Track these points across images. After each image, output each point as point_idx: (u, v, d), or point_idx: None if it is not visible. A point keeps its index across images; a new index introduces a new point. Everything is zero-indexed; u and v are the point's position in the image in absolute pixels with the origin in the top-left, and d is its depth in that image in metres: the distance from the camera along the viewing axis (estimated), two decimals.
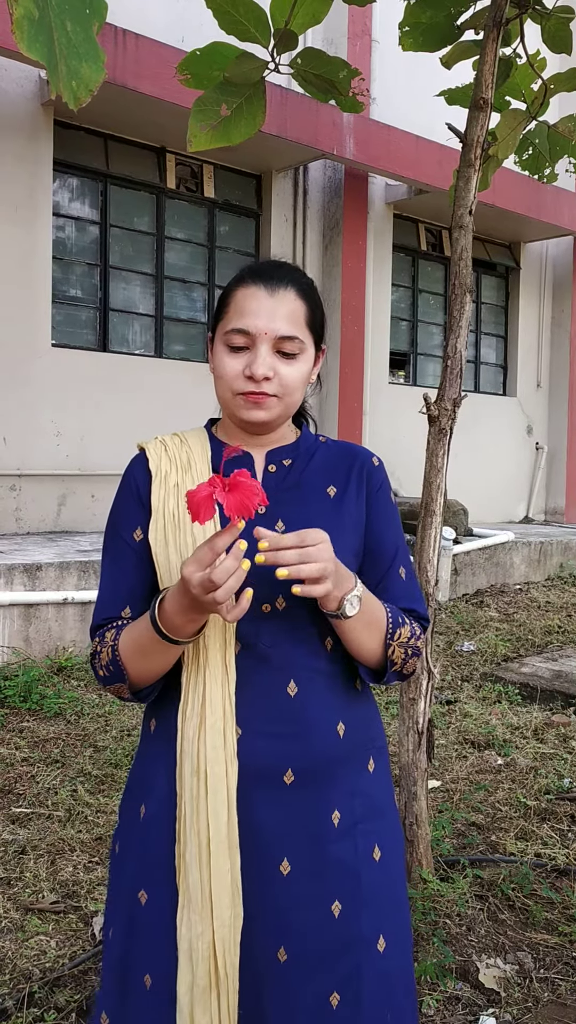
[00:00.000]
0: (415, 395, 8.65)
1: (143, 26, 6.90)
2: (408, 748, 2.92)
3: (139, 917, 1.42)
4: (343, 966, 1.39)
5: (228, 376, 1.43)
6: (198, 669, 1.39)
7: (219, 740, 1.35)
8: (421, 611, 1.53)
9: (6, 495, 6.87)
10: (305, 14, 2.64)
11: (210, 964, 1.33)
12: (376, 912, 1.43)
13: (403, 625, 1.45)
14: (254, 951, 1.36)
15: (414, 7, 3.01)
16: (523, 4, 2.96)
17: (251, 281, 1.44)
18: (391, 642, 1.43)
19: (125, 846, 1.47)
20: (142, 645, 1.37)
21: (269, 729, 1.38)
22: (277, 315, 1.41)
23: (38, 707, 4.57)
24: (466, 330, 2.90)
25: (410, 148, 8.38)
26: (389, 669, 1.45)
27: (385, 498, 1.54)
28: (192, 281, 8.17)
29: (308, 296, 1.47)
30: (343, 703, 1.45)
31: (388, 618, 1.43)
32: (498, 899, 2.88)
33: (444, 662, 5.84)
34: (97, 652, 1.44)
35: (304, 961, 1.38)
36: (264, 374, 1.40)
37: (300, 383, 1.45)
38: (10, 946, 2.60)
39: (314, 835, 1.40)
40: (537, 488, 11.11)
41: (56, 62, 1.04)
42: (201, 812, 1.34)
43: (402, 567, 1.53)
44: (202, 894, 1.34)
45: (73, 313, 7.46)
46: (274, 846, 1.38)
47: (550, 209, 9.83)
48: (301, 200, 8.58)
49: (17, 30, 0.98)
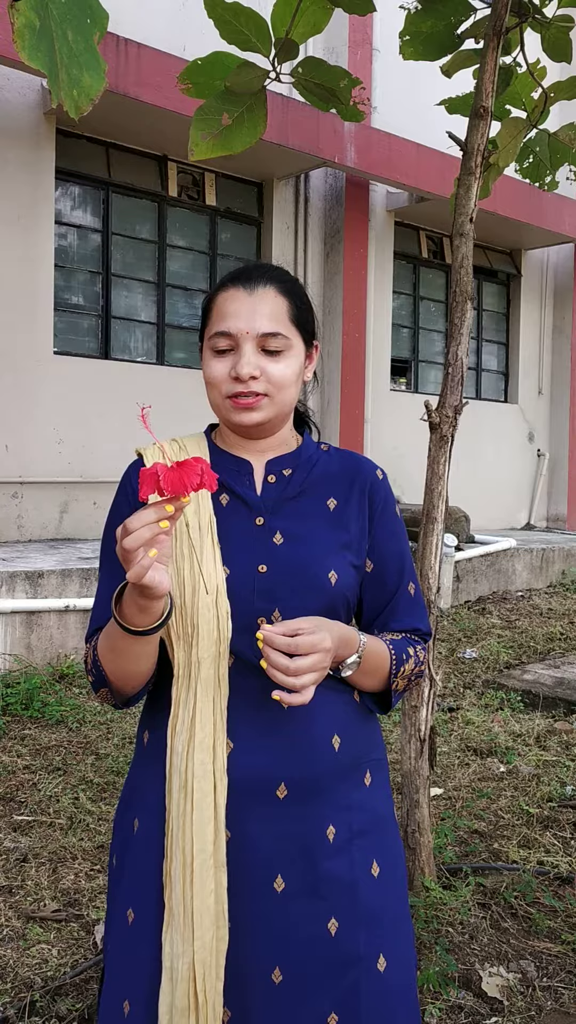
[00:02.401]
0: (417, 402, 8.66)
1: (145, 35, 6.93)
2: (410, 756, 2.91)
3: (125, 938, 1.40)
4: (341, 986, 1.36)
5: (216, 380, 1.42)
6: (189, 683, 1.37)
7: (207, 756, 1.33)
8: (425, 628, 1.53)
9: (8, 502, 6.88)
10: (306, 23, 2.65)
11: (189, 986, 1.30)
12: (375, 930, 1.40)
13: (407, 661, 1.46)
14: (248, 972, 1.33)
15: (414, 16, 3.02)
16: (523, 13, 2.97)
17: (230, 284, 1.44)
18: (395, 679, 1.44)
19: (121, 860, 1.46)
20: (112, 640, 1.34)
21: (262, 743, 1.37)
22: (257, 313, 1.40)
23: (40, 715, 4.56)
24: (467, 337, 2.91)
25: (411, 156, 8.41)
26: (394, 697, 1.47)
27: (390, 515, 1.52)
28: (194, 289, 8.19)
29: (290, 292, 1.45)
30: (338, 716, 1.43)
31: (392, 659, 1.44)
32: (501, 907, 2.87)
33: (446, 669, 5.84)
34: (87, 657, 1.43)
35: (300, 981, 1.34)
36: (249, 373, 1.38)
37: (290, 380, 1.43)
38: (11, 954, 2.59)
39: (308, 851, 1.37)
40: (539, 495, 11.11)
41: (57, 71, 1.04)
42: (187, 829, 1.32)
43: (411, 583, 1.53)
44: (184, 914, 1.31)
45: (75, 321, 7.47)
46: (267, 863, 1.35)
47: (551, 216, 9.85)
48: (302, 208, 8.60)
49: (18, 39, 0.98)
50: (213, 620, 1.36)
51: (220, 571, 1.38)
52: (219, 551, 1.39)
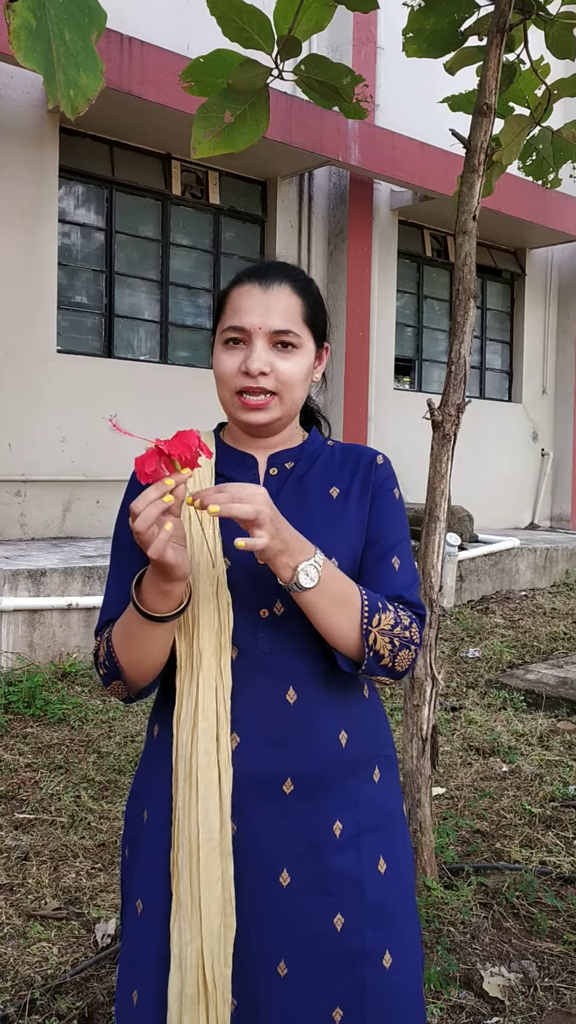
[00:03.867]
0: (420, 401, 8.63)
1: (149, 33, 6.93)
2: (412, 755, 2.91)
3: (135, 929, 1.41)
4: (346, 981, 1.36)
5: (226, 374, 1.42)
6: (192, 674, 1.37)
7: (211, 745, 1.34)
8: (411, 598, 1.44)
9: (11, 501, 6.88)
10: (308, 21, 2.64)
11: (198, 972, 1.31)
12: (381, 926, 1.40)
13: (383, 611, 1.36)
14: (253, 965, 1.34)
15: (418, 13, 3.02)
16: (526, 10, 2.96)
17: (246, 280, 1.45)
18: (369, 628, 1.34)
19: (133, 853, 1.47)
20: (128, 629, 1.35)
21: (268, 737, 1.37)
22: (271, 310, 1.41)
23: (42, 713, 4.56)
24: (470, 336, 2.90)
25: (415, 154, 8.39)
26: (371, 658, 1.35)
27: (387, 494, 1.49)
28: (197, 287, 8.19)
29: (304, 292, 1.46)
30: (346, 711, 1.43)
31: (364, 601, 1.35)
32: (503, 907, 2.87)
33: (449, 668, 5.83)
34: (97, 650, 1.44)
35: (305, 976, 1.35)
36: (259, 368, 1.38)
37: (299, 379, 1.43)
38: (12, 952, 2.59)
39: (315, 846, 1.37)
40: (543, 494, 11.09)
41: (54, 71, 1.03)
42: (192, 817, 1.33)
43: (396, 557, 1.46)
44: (192, 901, 1.32)
45: (79, 319, 7.47)
46: (273, 857, 1.36)
47: (556, 215, 9.83)
48: (306, 206, 8.59)
49: (14, 40, 0.98)
50: (214, 612, 1.37)
51: (221, 563, 1.39)
52: (220, 543, 1.40)
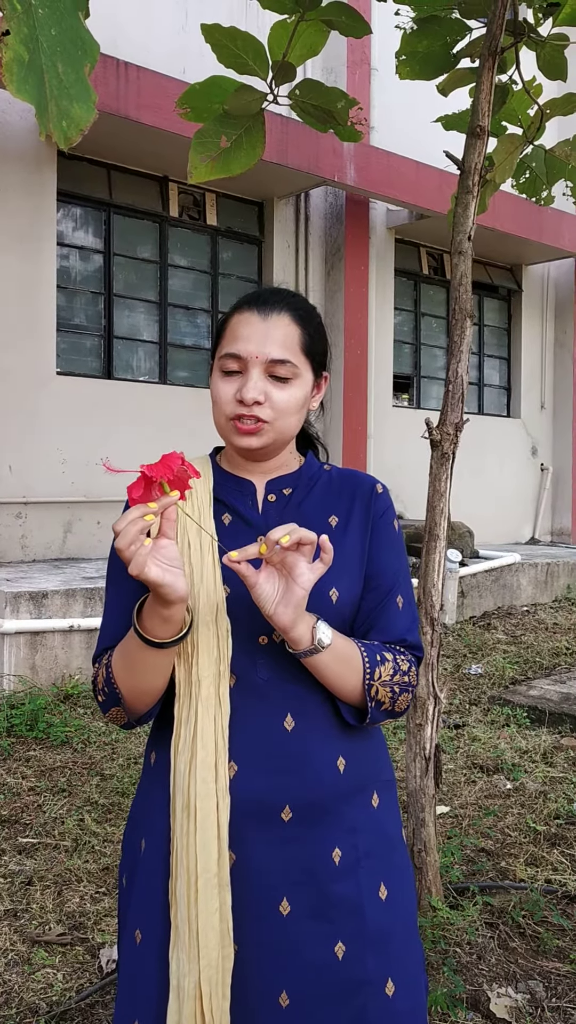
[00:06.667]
0: (419, 418, 8.67)
1: (145, 58, 7.00)
2: (415, 774, 2.90)
3: (134, 959, 1.39)
4: (349, 1010, 1.35)
5: (221, 400, 1.43)
6: (190, 702, 1.37)
7: (209, 774, 1.33)
8: (412, 640, 1.47)
9: (12, 523, 6.89)
10: (303, 46, 2.67)
11: (195, 1005, 1.29)
12: (383, 953, 1.38)
13: (381, 664, 1.39)
14: (254, 995, 1.32)
15: (411, 36, 3.05)
16: (518, 33, 2.99)
17: (246, 307, 1.45)
18: (372, 682, 1.38)
19: (130, 881, 1.46)
20: (129, 654, 1.35)
21: (266, 765, 1.36)
22: (269, 339, 1.41)
23: (44, 735, 4.55)
24: (467, 355, 2.91)
25: (410, 173, 8.45)
26: (374, 708, 1.39)
27: (388, 526, 1.50)
28: (195, 308, 8.23)
29: (304, 321, 1.46)
30: (343, 737, 1.42)
31: (364, 658, 1.38)
32: (508, 926, 2.85)
33: (452, 685, 5.82)
34: (96, 676, 1.43)
35: (307, 1006, 1.33)
36: (254, 398, 1.39)
37: (293, 408, 1.44)
38: (16, 979, 2.57)
39: (314, 874, 1.36)
40: (543, 509, 11.09)
41: (46, 103, 1.04)
42: (190, 848, 1.32)
43: (400, 596, 1.48)
44: (189, 932, 1.31)
45: (78, 341, 7.50)
46: (273, 886, 1.34)
47: (551, 231, 9.89)
48: (303, 226, 8.64)
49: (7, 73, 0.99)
50: (213, 639, 1.37)
51: (220, 590, 1.39)
52: (219, 570, 1.40)
